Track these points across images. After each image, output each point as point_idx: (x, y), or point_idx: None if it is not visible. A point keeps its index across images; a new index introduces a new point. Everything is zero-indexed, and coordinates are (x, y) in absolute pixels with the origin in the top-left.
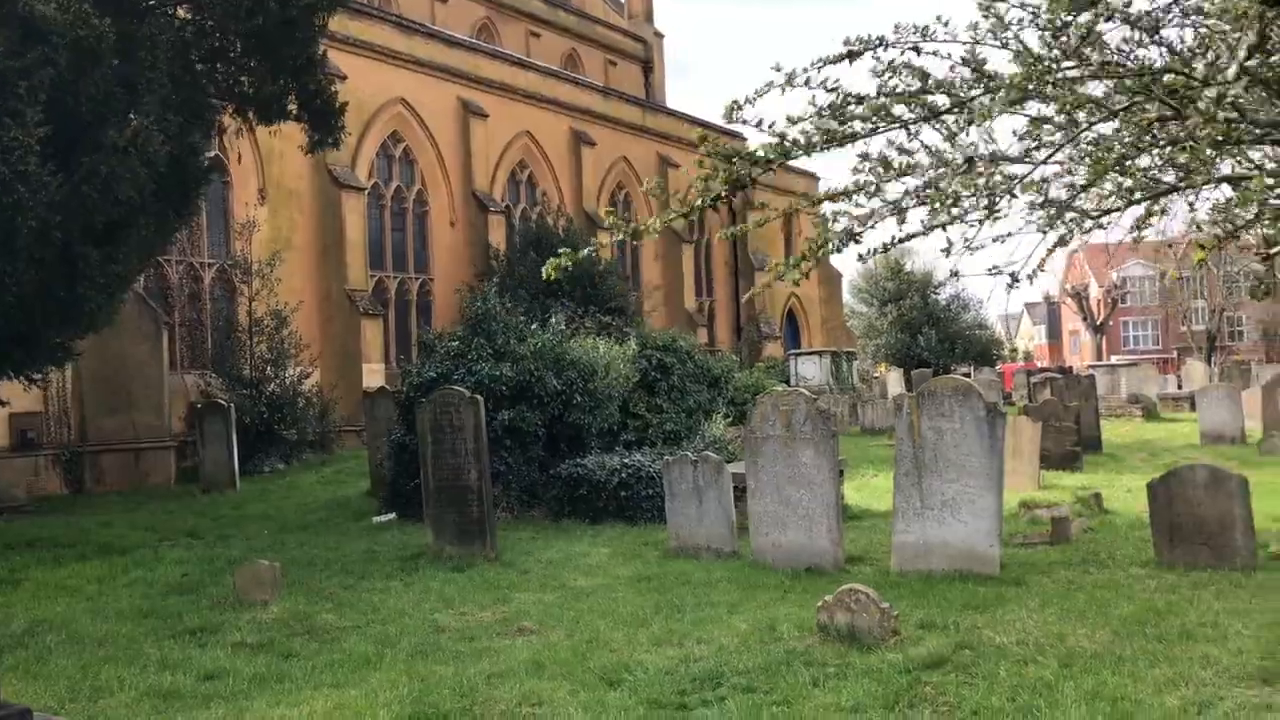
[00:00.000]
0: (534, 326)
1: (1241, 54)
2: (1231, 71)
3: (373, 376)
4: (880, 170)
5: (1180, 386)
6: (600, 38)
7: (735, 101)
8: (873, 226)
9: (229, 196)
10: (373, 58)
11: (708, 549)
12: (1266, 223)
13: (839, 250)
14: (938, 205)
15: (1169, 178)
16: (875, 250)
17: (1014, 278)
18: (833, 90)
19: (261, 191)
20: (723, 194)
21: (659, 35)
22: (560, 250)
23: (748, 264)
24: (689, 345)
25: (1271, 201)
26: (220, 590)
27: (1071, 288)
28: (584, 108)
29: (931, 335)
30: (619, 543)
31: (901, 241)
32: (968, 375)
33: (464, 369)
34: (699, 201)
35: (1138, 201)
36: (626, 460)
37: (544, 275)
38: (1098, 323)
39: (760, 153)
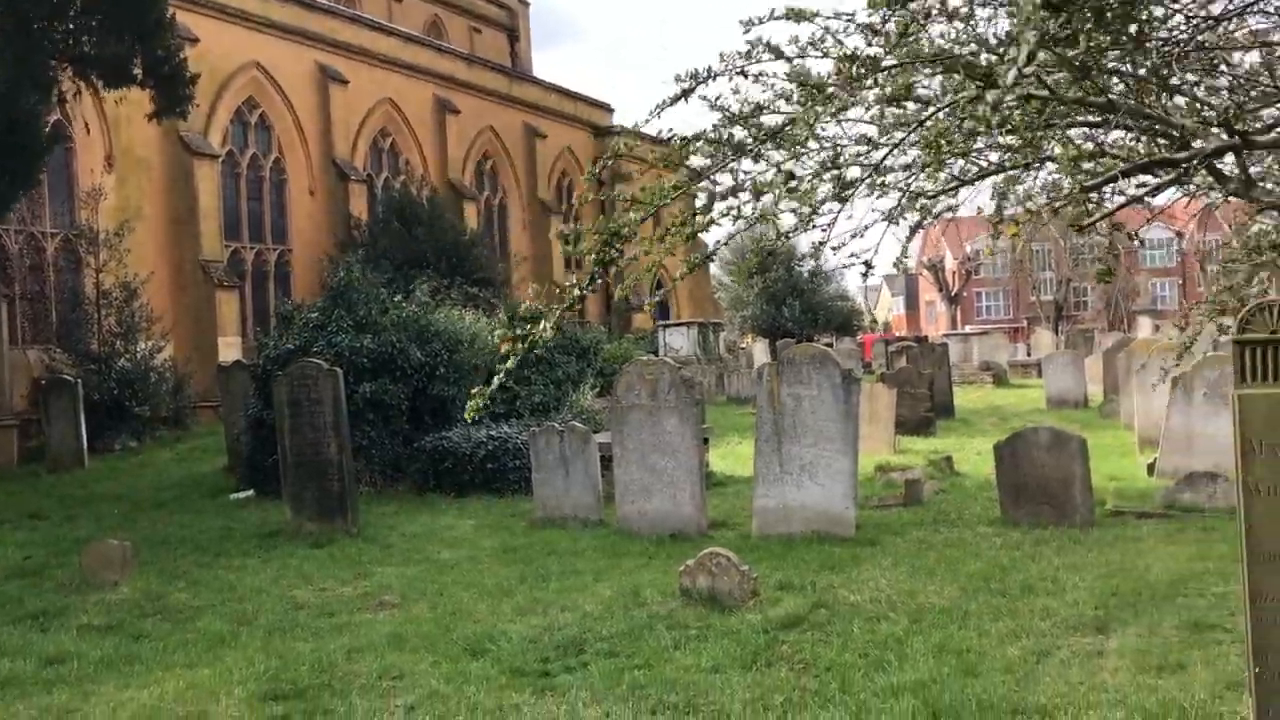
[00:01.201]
0: (397, 298)
1: (1031, 36)
2: (1024, 54)
3: (229, 350)
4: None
5: (1029, 354)
6: (464, 4)
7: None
8: (739, 216)
9: (73, 163)
10: (226, 20)
11: (574, 518)
12: (1081, 198)
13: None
14: (795, 201)
15: (998, 159)
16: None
17: (868, 265)
18: (718, 106)
19: (109, 158)
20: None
21: (524, 3)
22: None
23: (616, 235)
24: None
25: (1080, 178)
26: (66, 572)
27: (928, 260)
28: (448, 75)
29: (796, 306)
30: (485, 515)
31: (780, 240)
32: (830, 345)
33: (324, 341)
34: (577, 292)
35: (970, 182)
36: (493, 432)
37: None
38: (952, 294)
39: (632, 215)
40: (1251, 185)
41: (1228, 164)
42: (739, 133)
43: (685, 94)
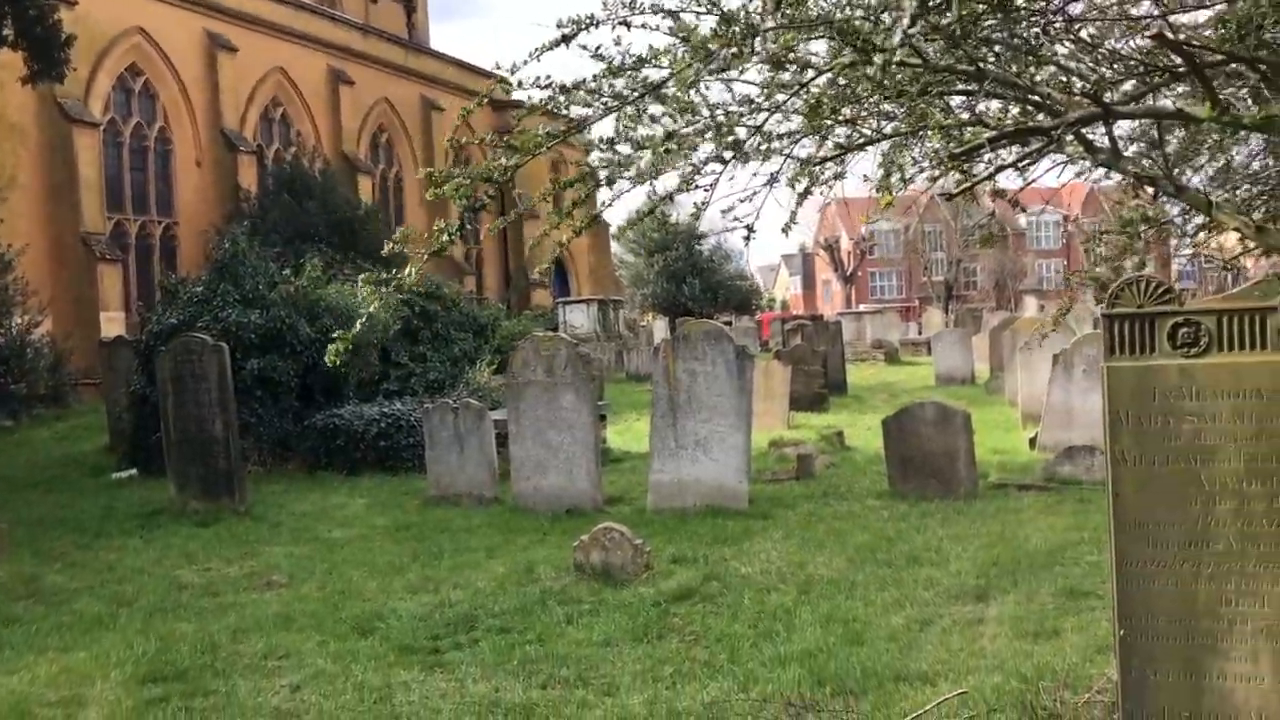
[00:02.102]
0: (286, 272)
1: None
2: (906, 17)
3: (112, 326)
4: (632, 130)
5: (920, 332)
6: None
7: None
8: (637, 181)
9: None
10: None
11: (469, 495)
12: (958, 166)
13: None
14: (680, 161)
15: (880, 127)
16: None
17: (750, 229)
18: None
19: None
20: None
21: None
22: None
23: (517, 217)
24: (454, 293)
25: (951, 145)
26: None
27: (824, 240)
28: (342, 45)
29: (696, 285)
30: (377, 493)
31: (661, 201)
32: (729, 323)
33: (209, 316)
34: (445, 237)
35: (853, 150)
36: (386, 409)
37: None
38: (848, 273)
39: (504, 160)
40: (1119, 156)
41: (1101, 135)
42: (620, 84)
43: (565, 40)
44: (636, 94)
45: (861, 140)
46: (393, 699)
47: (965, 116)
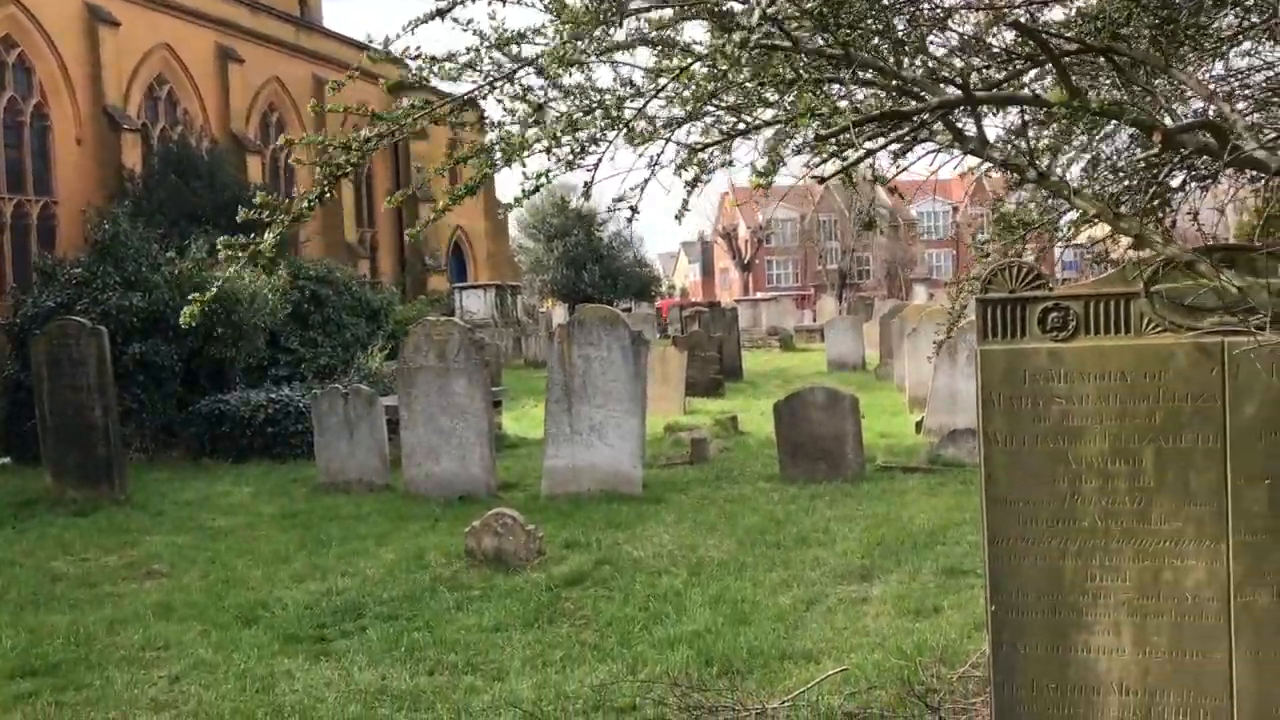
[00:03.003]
0: (170, 254)
1: None
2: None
3: None
4: (525, 108)
5: (815, 320)
6: None
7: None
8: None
9: None
10: None
11: (360, 482)
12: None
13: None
14: (567, 142)
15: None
16: (532, 187)
17: (634, 210)
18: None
19: None
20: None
21: None
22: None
23: (411, 195)
24: (346, 276)
25: (817, 128)
26: None
27: (723, 228)
28: (230, 22)
29: (595, 271)
30: (265, 480)
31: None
32: (629, 310)
33: (89, 298)
34: (305, 204)
35: (735, 136)
36: (274, 395)
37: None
38: (745, 261)
39: (365, 132)
40: (986, 144)
41: (972, 125)
42: (498, 56)
43: (440, 14)
44: (511, 69)
45: (744, 128)
46: (275, 688)
47: (843, 105)
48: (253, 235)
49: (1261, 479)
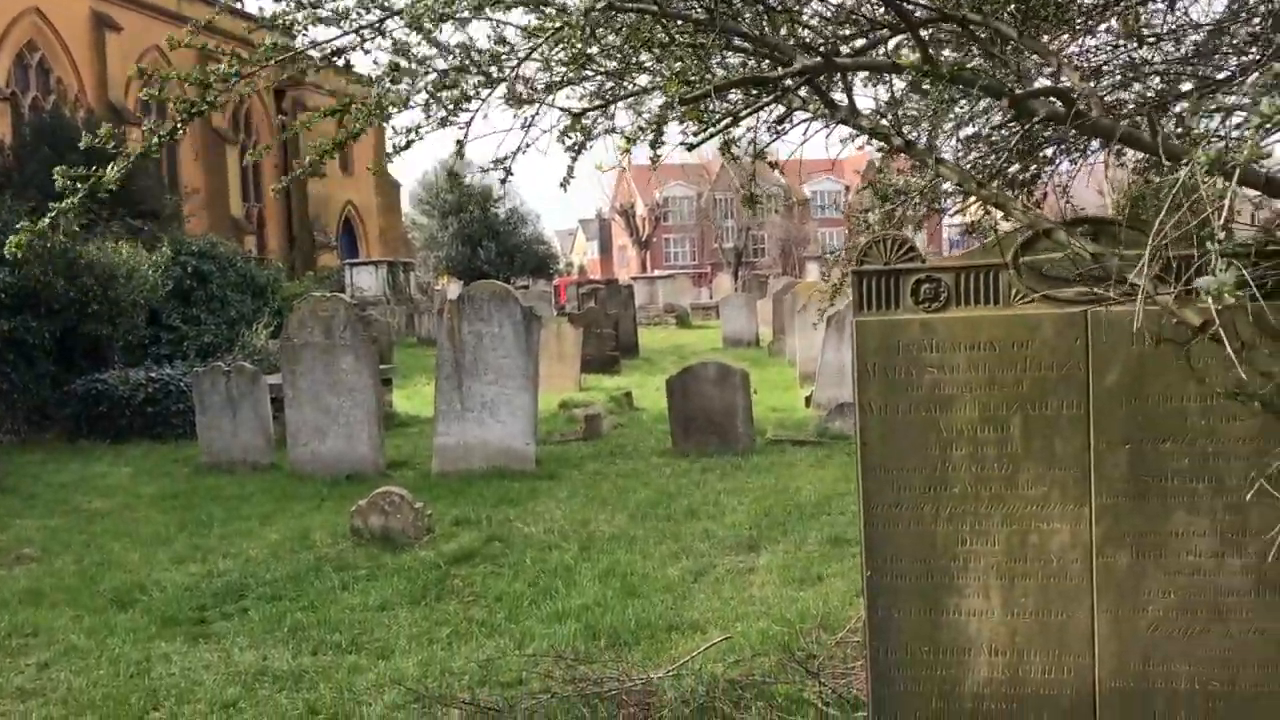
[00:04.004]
0: (41, 224)
1: None
2: None
3: None
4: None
5: (711, 297)
6: None
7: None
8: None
9: None
10: None
11: (244, 462)
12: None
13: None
14: (443, 101)
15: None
16: (402, 145)
17: (508, 171)
18: None
19: None
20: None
21: None
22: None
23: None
24: (231, 252)
25: (682, 92)
26: None
27: (620, 205)
28: None
29: (492, 248)
30: (145, 461)
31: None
32: (526, 288)
33: None
34: (155, 139)
35: (611, 102)
36: (154, 374)
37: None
38: (643, 239)
39: (223, 67)
40: (856, 113)
41: (846, 95)
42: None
43: None
44: (377, 19)
45: (622, 94)
46: (151, 672)
47: (720, 73)
48: (174, 227)
49: (1122, 444)
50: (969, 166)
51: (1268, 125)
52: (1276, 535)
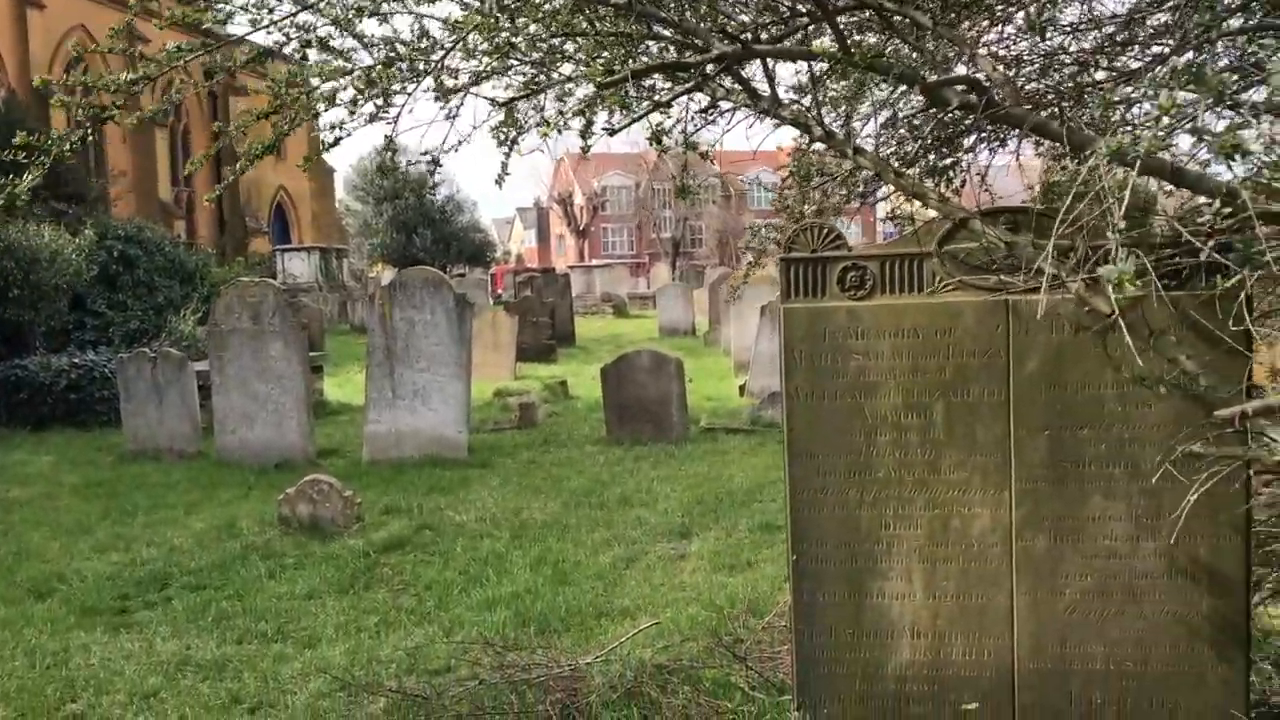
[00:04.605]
0: None
1: None
2: None
3: None
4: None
5: (649, 287)
6: None
7: None
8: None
9: None
10: None
11: (170, 450)
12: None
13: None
14: (370, 96)
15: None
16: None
17: (436, 163)
18: None
19: None
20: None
21: None
22: None
23: (232, 155)
24: (159, 236)
25: (600, 77)
26: None
27: (558, 194)
28: None
29: (427, 236)
30: (67, 449)
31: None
32: (462, 276)
33: None
34: (68, 145)
35: (538, 92)
36: (78, 360)
37: None
38: (581, 228)
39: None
40: (778, 102)
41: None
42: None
43: None
44: (292, 10)
45: (549, 83)
46: (70, 663)
47: (645, 60)
48: (97, 211)
49: (1042, 430)
50: (889, 154)
51: (1167, 118)
52: (1182, 516)
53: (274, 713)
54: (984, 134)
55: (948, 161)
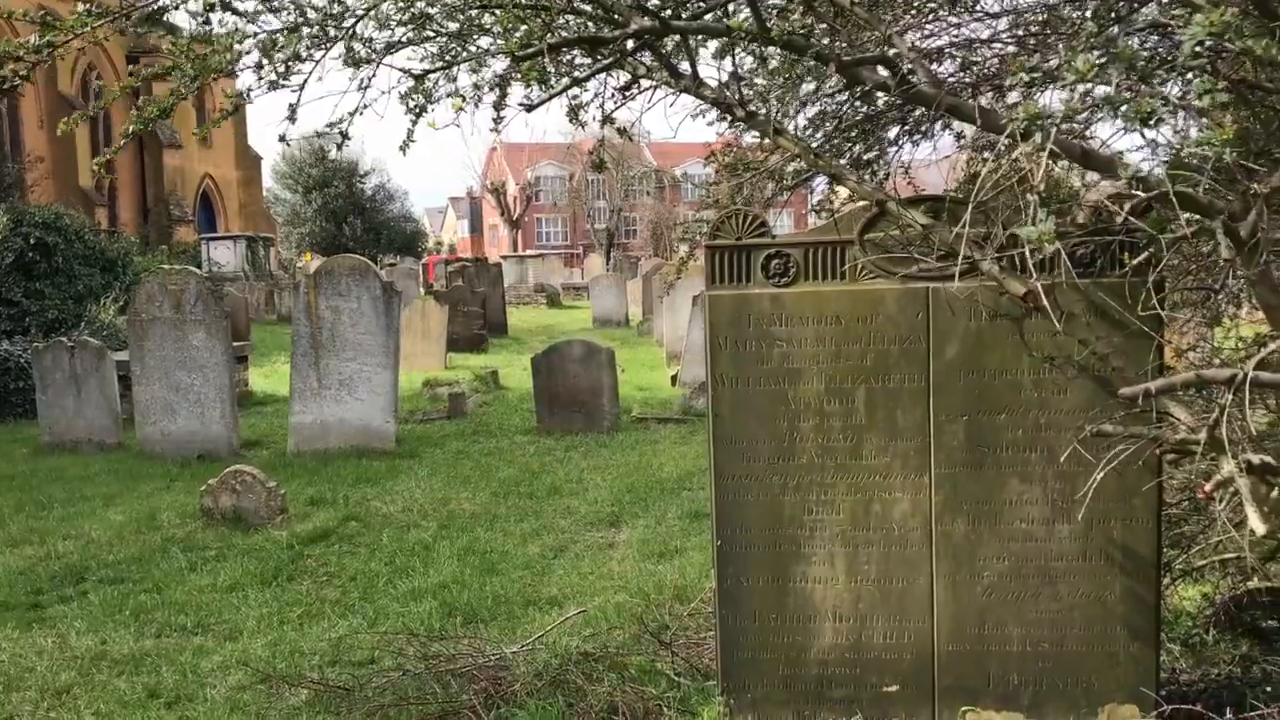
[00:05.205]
0: None
1: None
2: None
3: None
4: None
5: (583, 278)
6: None
7: None
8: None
9: None
10: None
11: (89, 442)
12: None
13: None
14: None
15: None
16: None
17: (344, 135)
18: None
19: None
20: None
21: None
22: None
23: (155, 140)
24: (79, 224)
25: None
26: None
27: (491, 184)
28: None
29: (357, 225)
30: None
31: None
32: (394, 265)
33: None
34: None
35: (454, 64)
36: None
37: None
38: (514, 218)
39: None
40: (700, 83)
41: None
42: None
43: None
44: None
45: (465, 56)
46: None
47: (563, 35)
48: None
49: (960, 415)
50: (816, 146)
51: (1082, 82)
52: (1089, 495)
53: (192, 706)
54: (907, 125)
55: (872, 154)
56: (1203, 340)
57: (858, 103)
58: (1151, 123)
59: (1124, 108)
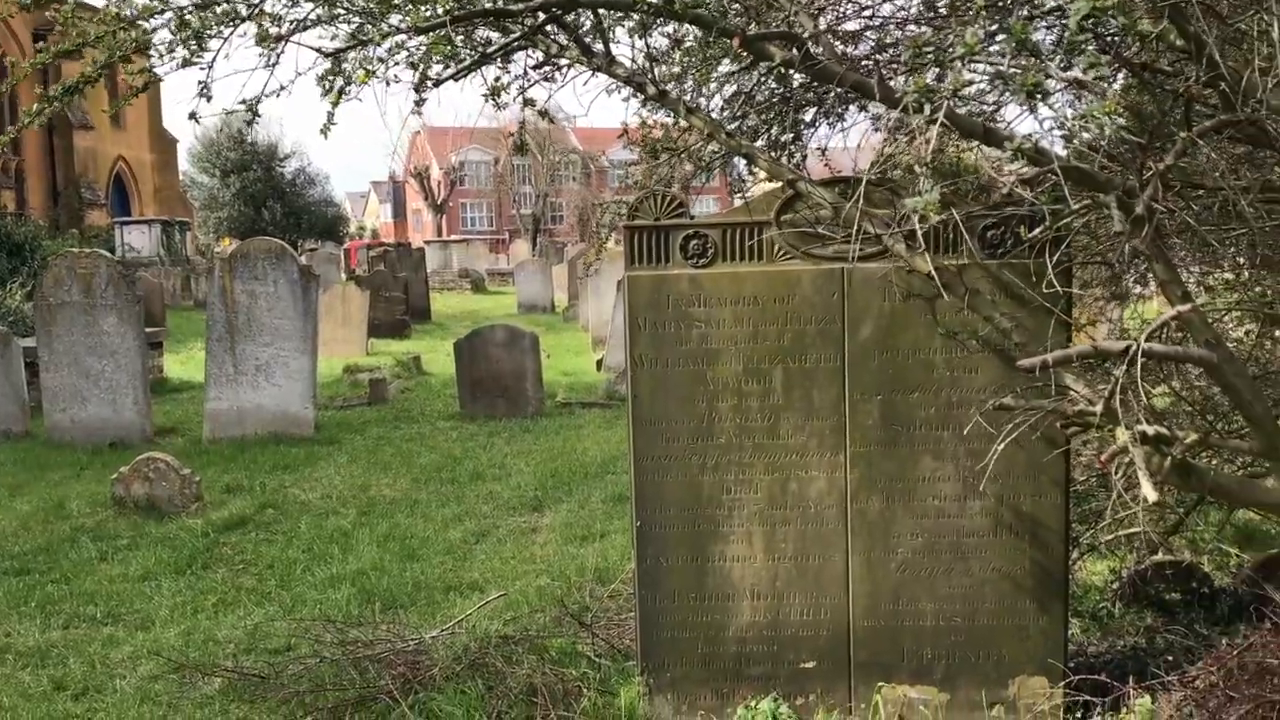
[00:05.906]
0: None
1: None
2: None
3: None
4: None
5: (508, 263)
6: None
7: None
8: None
9: None
10: None
11: None
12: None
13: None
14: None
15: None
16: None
17: (254, 112)
18: None
19: None
20: None
21: None
22: None
23: (65, 121)
24: None
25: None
26: None
27: (415, 168)
28: None
29: (277, 209)
30: None
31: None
32: (314, 250)
33: None
34: None
35: (366, 43)
36: None
37: None
38: (438, 203)
39: None
40: (613, 61)
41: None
42: None
43: None
44: None
45: (376, 36)
46: None
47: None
48: None
49: (875, 394)
50: (733, 127)
51: (971, 57)
52: (990, 464)
53: (101, 698)
54: (823, 108)
55: (789, 136)
56: (1107, 318)
57: (773, 84)
58: (1038, 95)
59: (1013, 81)
